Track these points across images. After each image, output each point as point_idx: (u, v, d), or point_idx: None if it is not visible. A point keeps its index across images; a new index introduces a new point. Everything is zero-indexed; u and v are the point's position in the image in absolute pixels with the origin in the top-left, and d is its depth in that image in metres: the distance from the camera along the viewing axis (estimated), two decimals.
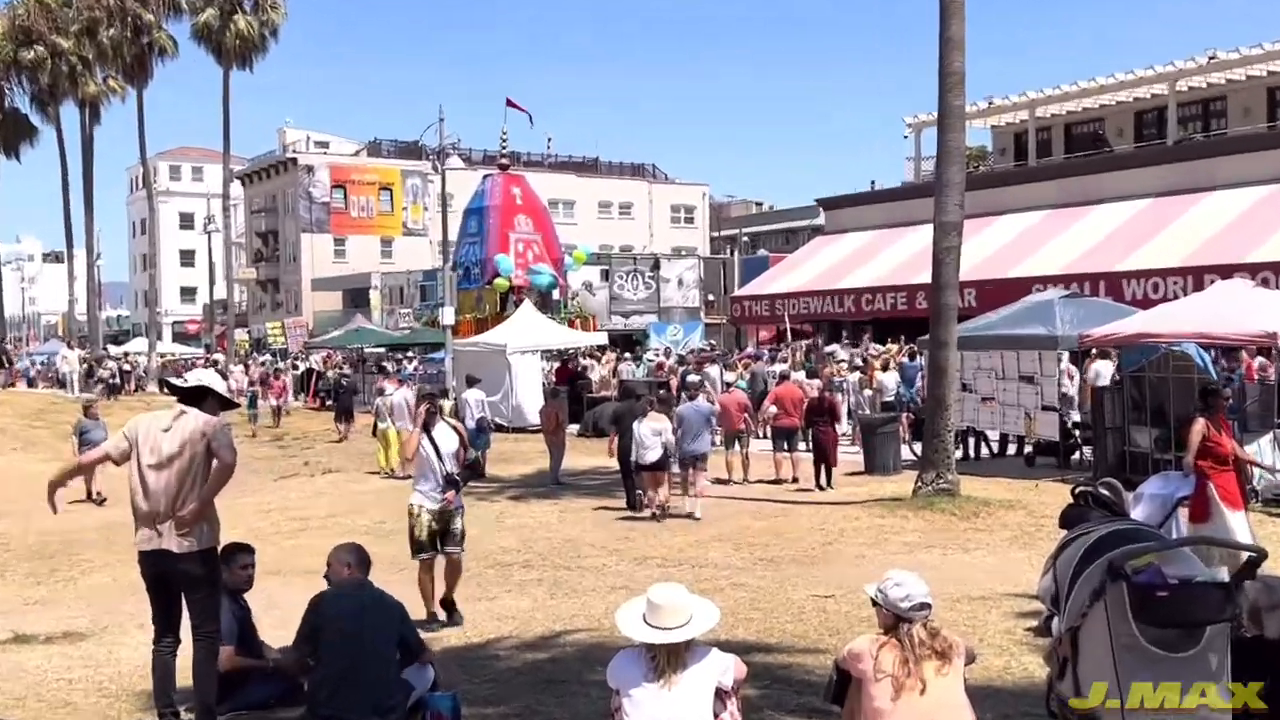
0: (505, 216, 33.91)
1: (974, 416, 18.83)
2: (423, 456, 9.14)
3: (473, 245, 34.42)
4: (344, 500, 17.36)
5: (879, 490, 16.17)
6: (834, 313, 35.30)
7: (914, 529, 13.22)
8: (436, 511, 9.12)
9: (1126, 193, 30.88)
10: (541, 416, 19.51)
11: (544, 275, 32.89)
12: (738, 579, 10.97)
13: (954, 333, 15.33)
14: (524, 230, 34.19)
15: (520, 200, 34.65)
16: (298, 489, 18.96)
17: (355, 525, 14.92)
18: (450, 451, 9.16)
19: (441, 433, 9.22)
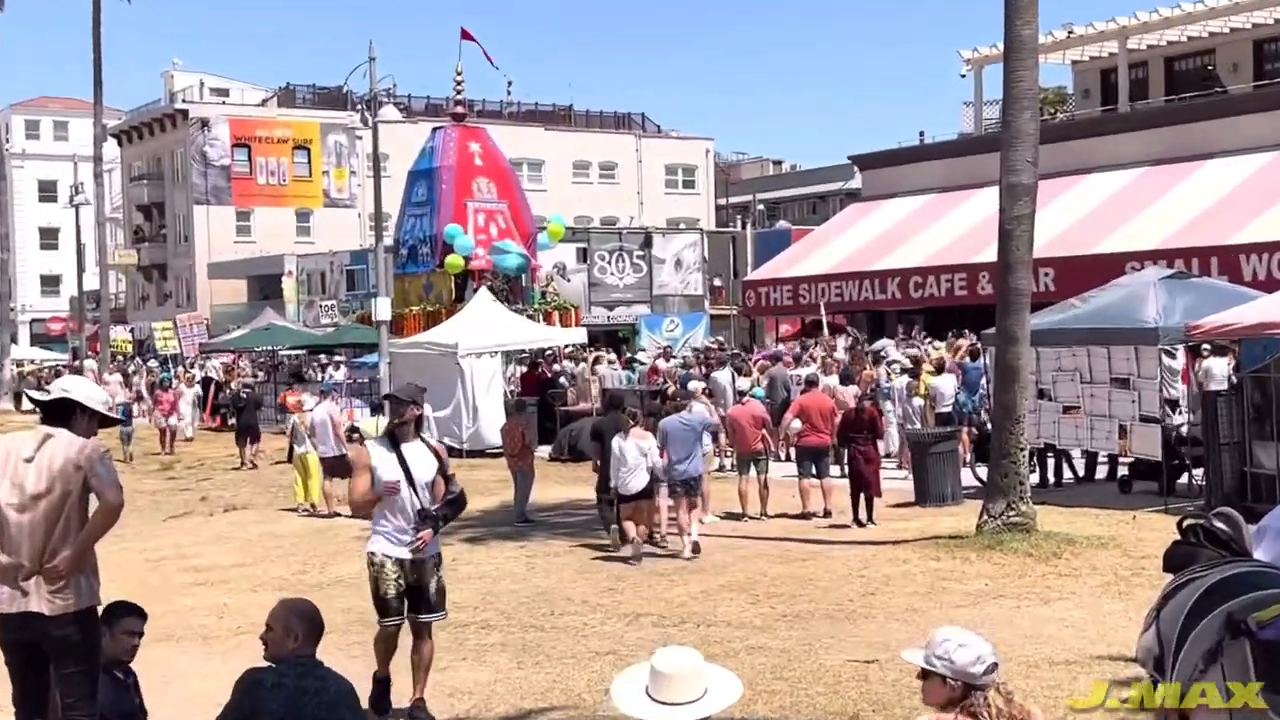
0: (461, 180, 33.52)
1: (1053, 431, 18.91)
2: (387, 484, 8.60)
3: (420, 218, 33.98)
4: (253, 545, 17.33)
5: (934, 526, 16.18)
6: (874, 300, 35.40)
7: (979, 574, 13.26)
8: (407, 562, 8.67)
9: (1244, 144, 31.03)
10: (504, 436, 19.52)
11: (511, 255, 32.47)
12: (756, 640, 10.97)
13: (1027, 325, 15.38)
14: (485, 197, 33.82)
15: (480, 159, 34.23)
16: (194, 531, 18.91)
17: (269, 576, 14.91)
18: (426, 479, 8.72)
19: (415, 453, 8.75)
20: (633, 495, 15.04)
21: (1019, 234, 15.25)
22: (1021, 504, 14.96)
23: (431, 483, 8.77)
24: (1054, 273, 29.53)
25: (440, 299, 32.54)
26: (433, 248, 33.21)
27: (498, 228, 33.57)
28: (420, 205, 34.10)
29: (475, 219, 33.41)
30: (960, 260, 32.82)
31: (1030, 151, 15.26)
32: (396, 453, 8.72)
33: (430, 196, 33.67)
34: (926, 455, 18.35)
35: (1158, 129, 33.45)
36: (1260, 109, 31.77)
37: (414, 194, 34.57)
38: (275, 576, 14.89)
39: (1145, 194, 31.64)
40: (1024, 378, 15.39)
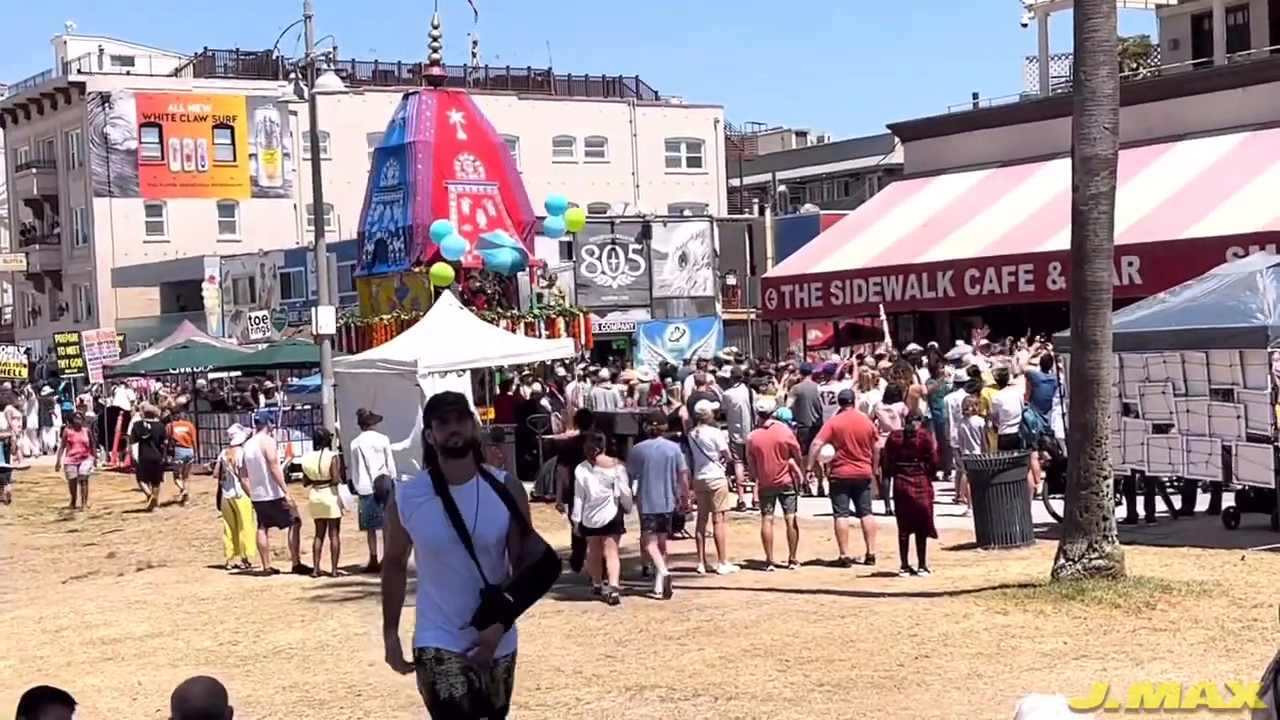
0: (441, 158, 32.89)
1: (1142, 455, 18.91)
2: (435, 547, 7.14)
3: (390, 205, 33.40)
4: (173, 610, 17.29)
5: (999, 572, 16.18)
6: (922, 299, 35.45)
7: (1056, 631, 13.25)
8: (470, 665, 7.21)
9: None
10: None
11: (504, 249, 32.01)
12: (786, 716, 10.96)
13: (1108, 326, 15.40)
14: (471, 178, 33.27)
15: (464, 131, 33.45)
16: (100, 595, 18.88)
17: (192, 649, 14.88)
18: (492, 538, 7.14)
19: (473, 497, 7.15)
20: (598, 530, 15.37)
21: (1096, 216, 15.27)
22: (1105, 544, 14.96)
23: (502, 543, 7.16)
24: (1139, 262, 29.56)
25: (417, 305, 31.88)
26: (407, 242, 32.47)
27: (486, 215, 32.95)
28: (390, 190, 33.37)
29: (459, 205, 32.67)
30: (1025, 249, 32.84)
31: (1108, 116, 15.29)
32: (443, 497, 7.11)
33: (403, 178, 32.83)
34: (989, 487, 18.34)
35: (1262, 85, 33.49)
36: None
37: (382, 176, 33.76)
38: (200, 649, 14.86)
39: (1248, 164, 31.67)
40: (1105, 390, 15.39)
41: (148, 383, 45.08)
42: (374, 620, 15.56)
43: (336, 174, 61.90)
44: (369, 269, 33.84)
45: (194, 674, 6.93)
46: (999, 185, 36.77)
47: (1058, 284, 29.77)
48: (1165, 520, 19.64)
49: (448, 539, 7.06)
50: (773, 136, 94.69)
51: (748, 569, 17.81)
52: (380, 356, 28.89)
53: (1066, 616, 13.66)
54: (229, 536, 20.51)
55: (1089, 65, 15.39)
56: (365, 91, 71.00)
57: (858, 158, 74.39)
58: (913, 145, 42.32)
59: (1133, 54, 47.46)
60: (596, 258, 49.40)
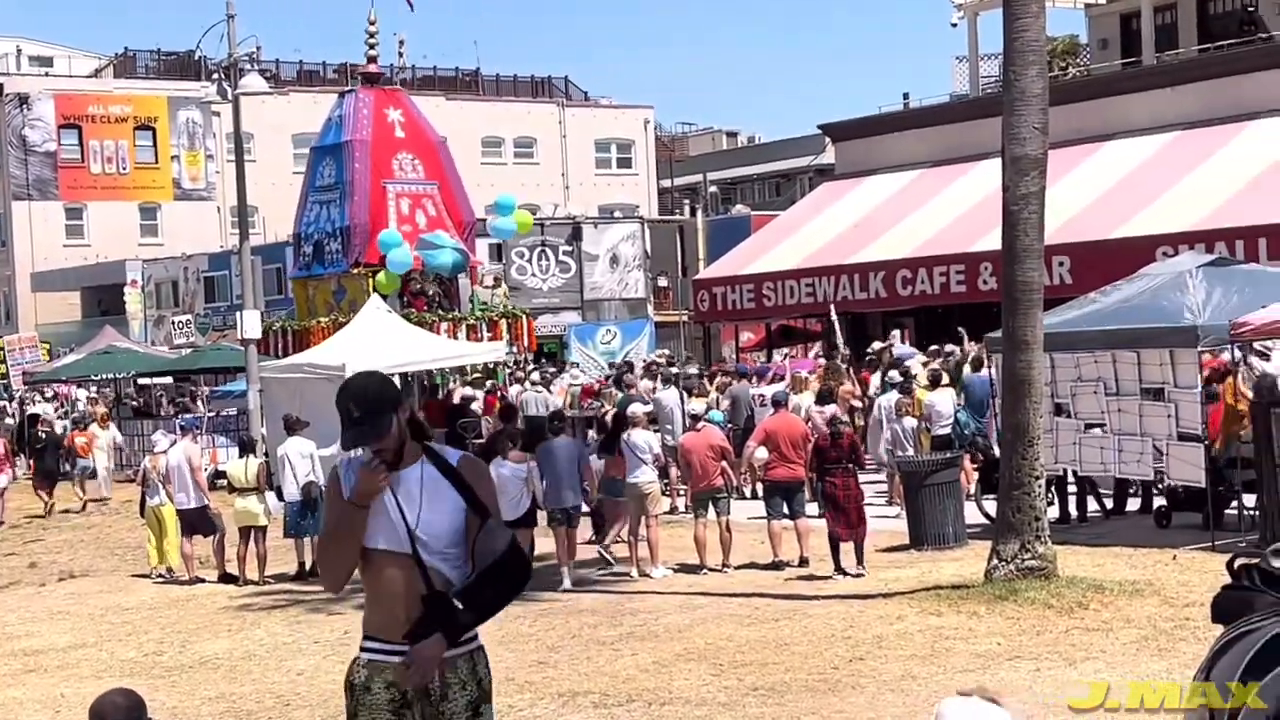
0: (379, 157, 32.51)
1: (1074, 454, 19.07)
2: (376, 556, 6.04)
3: (327, 205, 32.94)
4: (96, 621, 17.18)
5: (933, 573, 16.28)
6: (854, 300, 35.55)
7: (989, 631, 13.34)
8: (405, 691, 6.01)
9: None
10: None
11: (444, 250, 31.75)
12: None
13: (1039, 326, 15.50)
14: (409, 178, 32.90)
15: (402, 129, 33.04)
16: (22, 605, 18.77)
17: (116, 660, 14.76)
18: (441, 533, 6.02)
19: (419, 486, 6.07)
20: (511, 524, 15.77)
21: (1027, 216, 15.38)
22: (1038, 544, 15.06)
23: (459, 539, 6.02)
24: (1069, 261, 29.76)
25: (355, 307, 31.52)
26: (345, 242, 32.05)
27: (426, 216, 32.56)
28: (327, 189, 32.92)
29: (398, 205, 32.23)
30: (957, 249, 33.01)
31: (1038, 116, 15.40)
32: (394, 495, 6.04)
33: (340, 178, 32.31)
34: (922, 488, 18.45)
35: (1191, 85, 33.81)
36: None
37: (318, 175, 33.23)
38: (124, 660, 14.75)
39: (1177, 164, 31.97)
40: (1037, 390, 15.50)
41: (69, 389, 44.63)
42: (303, 628, 15.59)
43: (261, 175, 61.58)
44: (306, 270, 33.42)
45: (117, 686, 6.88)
46: (930, 185, 36.94)
47: (989, 284, 29.90)
48: (1097, 520, 19.81)
49: (397, 533, 5.97)
50: (703, 137, 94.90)
51: (681, 573, 17.83)
52: (307, 361, 28.68)
53: (1000, 617, 13.75)
54: (153, 545, 20.36)
55: (1018, 65, 15.50)
56: (290, 92, 70.63)
57: (789, 158, 74.67)
58: (844, 146, 42.45)
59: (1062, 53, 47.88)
60: (526, 260, 49.37)
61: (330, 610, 16.50)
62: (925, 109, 42.01)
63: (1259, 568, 6.32)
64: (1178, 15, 39.58)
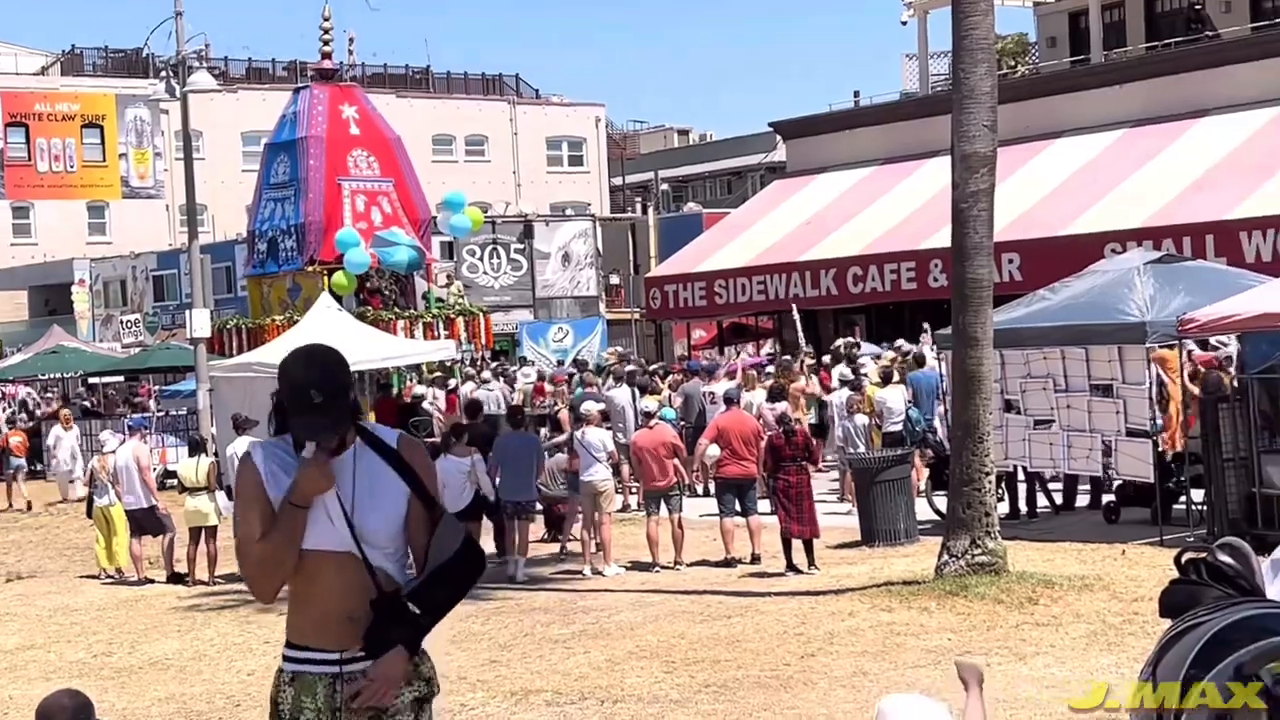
0: (334, 154, 32.17)
1: (1024, 451, 19.16)
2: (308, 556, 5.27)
3: (281, 203, 32.66)
4: (44, 622, 17.06)
5: (884, 569, 16.33)
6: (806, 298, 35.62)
7: (940, 627, 13.40)
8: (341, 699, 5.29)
9: (1242, 99, 31.68)
10: None
11: (400, 248, 31.54)
12: (674, 717, 10.99)
13: (989, 323, 15.57)
14: (365, 175, 32.66)
15: (357, 126, 32.78)
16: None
17: (65, 661, 14.67)
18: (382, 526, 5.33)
19: (358, 472, 5.31)
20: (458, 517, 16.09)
21: (976, 213, 15.44)
22: (988, 540, 15.13)
23: (399, 532, 5.37)
24: (1019, 258, 29.93)
25: (310, 306, 31.32)
26: (299, 240, 31.74)
27: (382, 213, 32.34)
28: (281, 187, 32.64)
29: (353, 202, 32.00)
30: (907, 246, 33.15)
31: (987, 113, 15.47)
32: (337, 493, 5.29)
33: (294, 175, 32.12)
34: (874, 485, 18.50)
35: (1138, 83, 34.03)
36: (1258, 56, 32.40)
37: (272, 172, 32.99)
38: (73, 661, 14.65)
39: (1125, 162, 32.18)
40: (987, 387, 15.57)
41: (16, 389, 44.26)
42: (253, 628, 15.52)
43: (210, 174, 61.28)
44: (260, 268, 33.18)
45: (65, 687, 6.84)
46: (881, 183, 37.07)
47: (939, 281, 30.03)
48: (1047, 515, 19.92)
49: (338, 532, 5.23)
50: (655, 135, 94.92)
51: (633, 570, 17.84)
52: (256, 360, 28.56)
53: (950, 613, 13.81)
54: (101, 546, 20.22)
55: (967, 63, 15.56)
56: (239, 89, 70.23)
57: (740, 156, 74.74)
58: (795, 143, 42.55)
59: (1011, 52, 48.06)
60: (478, 258, 49.29)
61: (281, 610, 16.33)
62: (876, 107, 42.14)
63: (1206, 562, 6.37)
64: (1125, 13, 39.83)
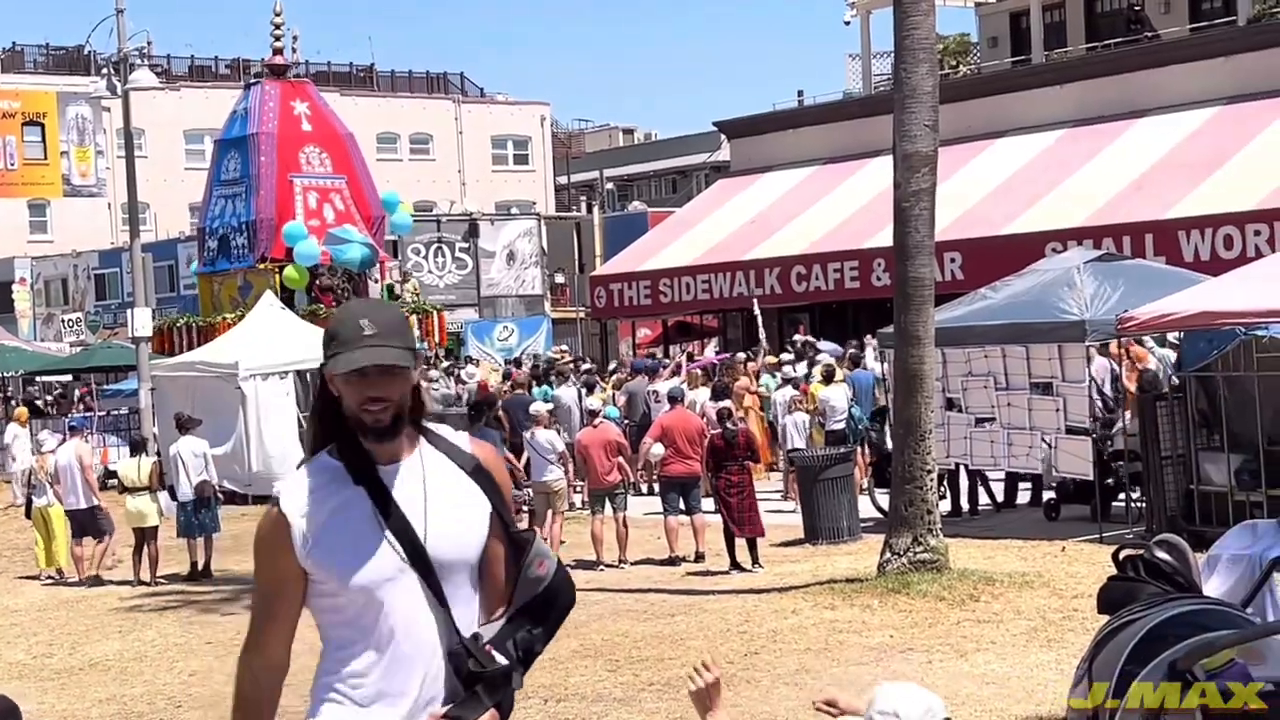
0: (285, 150, 31.88)
1: (965, 449, 19.24)
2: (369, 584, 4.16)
3: (232, 199, 32.37)
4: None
5: (827, 567, 16.37)
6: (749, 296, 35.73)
7: (882, 624, 13.44)
8: None
9: (1181, 99, 31.95)
10: None
11: (353, 245, 31.29)
12: (617, 716, 10.99)
13: (930, 321, 15.63)
14: (316, 171, 32.33)
15: (309, 123, 32.91)
16: None
17: (5, 662, 14.58)
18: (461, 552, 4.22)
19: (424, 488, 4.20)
20: None
21: (918, 213, 15.50)
22: (930, 537, 15.19)
23: (475, 561, 4.24)
24: (960, 258, 30.08)
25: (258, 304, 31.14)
26: (250, 237, 31.59)
27: (334, 210, 32.17)
28: (232, 183, 32.44)
29: (305, 199, 31.81)
30: (850, 246, 33.27)
31: (929, 113, 15.52)
32: (370, 489, 4.17)
33: (245, 172, 32.13)
34: (816, 482, 18.54)
35: (1078, 83, 34.25)
36: (1197, 57, 32.69)
37: (223, 169, 32.97)
38: (13, 662, 14.54)
39: (1066, 161, 32.39)
40: (929, 385, 15.63)
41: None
42: (195, 629, 15.43)
43: (152, 172, 60.85)
44: (211, 266, 32.99)
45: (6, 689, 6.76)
46: (824, 182, 37.18)
47: (882, 280, 30.16)
48: (988, 513, 20.02)
49: (390, 568, 4.09)
50: (600, 134, 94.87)
51: (578, 569, 17.76)
52: (199, 359, 28.42)
53: (893, 610, 13.85)
54: (40, 547, 20.07)
55: (909, 63, 15.61)
56: (181, 88, 69.81)
57: (685, 155, 74.80)
58: (739, 143, 42.63)
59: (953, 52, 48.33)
60: (423, 256, 49.15)
61: (223, 610, 16.34)
62: (819, 106, 42.28)
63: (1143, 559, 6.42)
64: (1066, 14, 40.13)
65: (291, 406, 27.95)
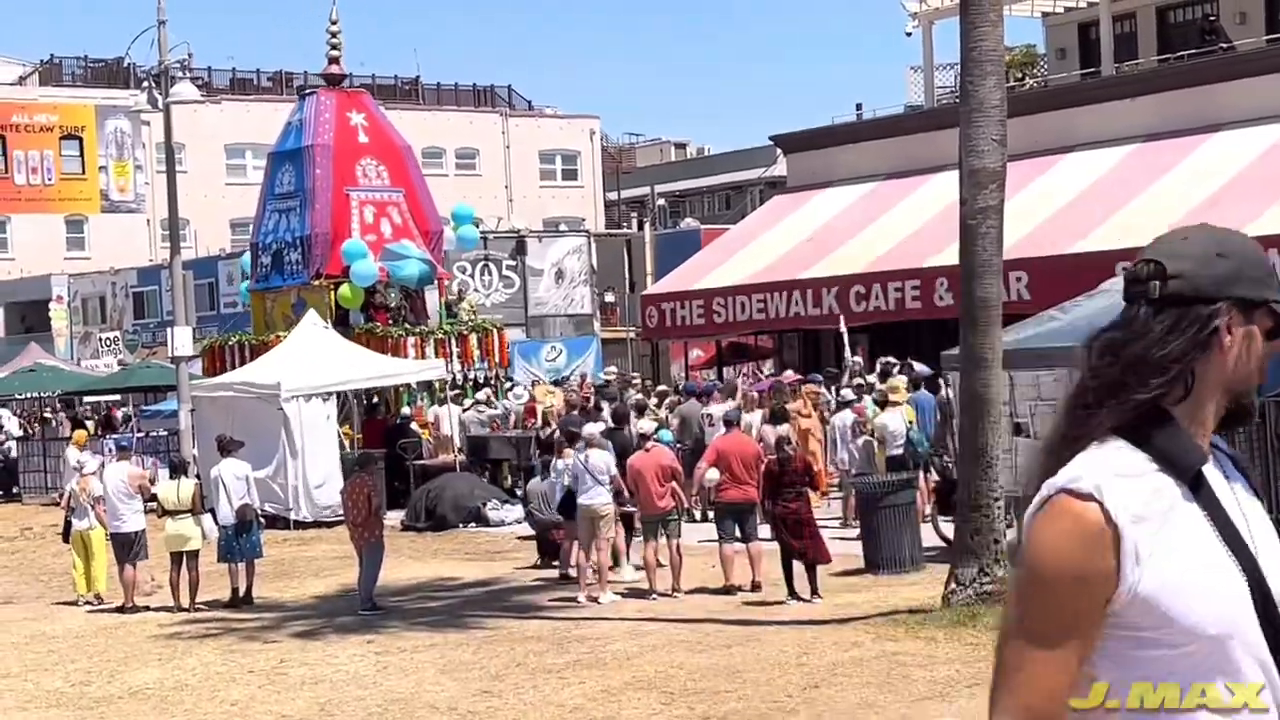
0: (341, 163, 32.06)
1: None
2: (1223, 632, 3.07)
3: (286, 214, 32.28)
4: (20, 650, 17.02)
5: (889, 598, 16.32)
6: (807, 317, 35.71)
7: (948, 658, 13.39)
8: None
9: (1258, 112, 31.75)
10: (344, 500, 19.39)
11: (410, 260, 31.25)
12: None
13: (998, 343, 15.60)
14: (374, 184, 32.29)
15: (365, 134, 32.87)
16: None
17: (42, 690, 14.61)
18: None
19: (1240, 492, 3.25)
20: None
21: (985, 230, 15.47)
22: (997, 568, 15.13)
23: None
24: (1028, 277, 29.94)
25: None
26: (305, 253, 31.72)
27: (392, 224, 32.08)
28: (286, 197, 32.53)
29: (361, 213, 31.87)
30: (912, 264, 33.16)
31: (996, 127, 15.50)
32: (1207, 508, 3.12)
33: (300, 185, 32.15)
34: (878, 510, 18.49)
35: (1151, 96, 34.09)
36: (1274, 69, 32.47)
37: (276, 182, 33.02)
38: (51, 690, 14.60)
39: (1138, 177, 32.23)
40: (996, 410, 15.58)
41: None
42: (237, 657, 15.50)
43: (193, 187, 61.24)
44: (264, 282, 32.98)
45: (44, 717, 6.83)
46: (884, 199, 37.10)
47: (945, 300, 30.06)
48: None
49: (1242, 610, 3.10)
50: (651, 148, 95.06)
51: (630, 598, 17.81)
52: (240, 379, 28.61)
53: (958, 643, 13.79)
54: (79, 571, 20.16)
55: (975, 75, 15.60)
56: (222, 100, 70.34)
57: (739, 170, 74.86)
58: (795, 158, 42.58)
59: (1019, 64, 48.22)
60: (469, 275, 49.27)
61: (265, 638, 16.42)
62: (879, 120, 42.19)
63: None
64: (1137, 25, 39.95)
65: (334, 429, 28.10)
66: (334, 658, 15.21)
